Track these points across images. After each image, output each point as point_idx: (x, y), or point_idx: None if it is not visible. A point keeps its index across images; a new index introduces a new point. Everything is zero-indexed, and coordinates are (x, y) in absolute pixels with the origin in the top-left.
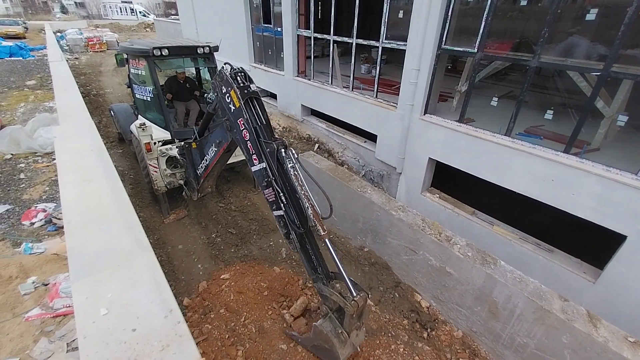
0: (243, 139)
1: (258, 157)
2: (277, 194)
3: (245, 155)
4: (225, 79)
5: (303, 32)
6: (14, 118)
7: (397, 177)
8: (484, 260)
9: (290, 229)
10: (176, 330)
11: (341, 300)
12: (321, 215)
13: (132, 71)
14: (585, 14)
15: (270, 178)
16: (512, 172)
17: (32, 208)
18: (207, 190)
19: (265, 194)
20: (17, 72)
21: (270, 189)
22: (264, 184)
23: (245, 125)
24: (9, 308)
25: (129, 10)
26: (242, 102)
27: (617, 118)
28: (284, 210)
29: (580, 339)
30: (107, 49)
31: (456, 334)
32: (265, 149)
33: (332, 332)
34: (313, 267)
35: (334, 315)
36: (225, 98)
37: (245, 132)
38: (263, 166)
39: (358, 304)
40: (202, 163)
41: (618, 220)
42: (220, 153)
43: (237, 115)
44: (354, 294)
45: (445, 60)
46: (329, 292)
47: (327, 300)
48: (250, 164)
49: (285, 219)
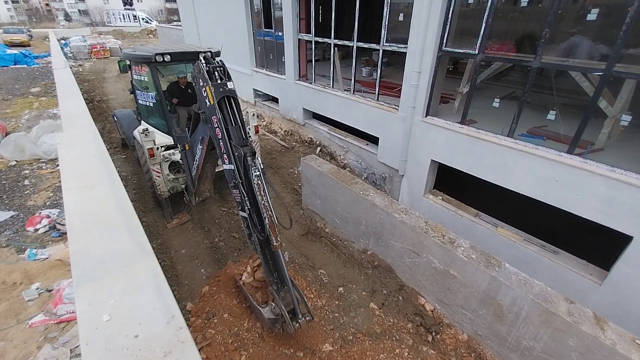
0: (216, 136)
1: (227, 157)
2: (241, 196)
3: (217, 152)
4: (202, 73)
5: (304, 36)
6: (18, 125)
7: (399, 180)
8: (488, 263)
9: (252, 232)
10: (178, 337)
11: (286, 317)
12: (281, 226)
13: (135, 77)
14: (587, 14)
15: (237, 180)
16: (515, 173)
17: (36, 214)
18: (205, 195)
19: (233, 194)
20: (21, 79)
21: (237, 190)
22: (232, 184)
23: (218, 124)
24: (13, 314)
25: (131, 17)
26: (216, 101)
27: (620, 118)
28: (248, 213)
29: (587, 342)
30: (110, 56)
31: (461, 338)
32: (234, 152)
33: (271, 323)
34: (270, 271)
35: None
36: (201, 92)
37: (218, 130)
38: (232, 167)
39: (301, 325)
40: (194, 163)
41: (623, 221)
42: (204, 150)
43: (211, 112)
44: (298, 316)
45: (446, 62)
46: (278, 304)
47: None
48: (222, 161)
49: (249, 221)
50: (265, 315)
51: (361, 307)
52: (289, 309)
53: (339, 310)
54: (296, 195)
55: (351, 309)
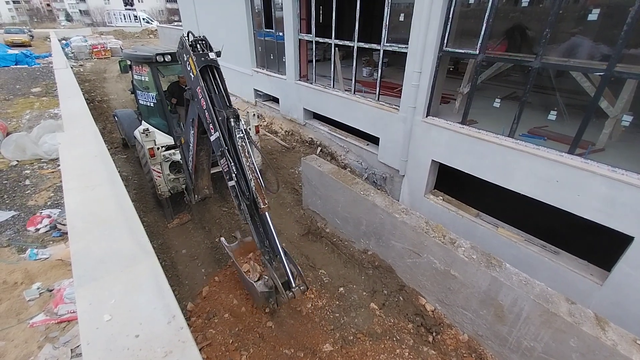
0: (202, 108)
1: (213, 126)
2: (228, 165)
3: (205, 125)
4: (185, 46)
5: (304, 37)
6: (19, 125)
7: (400, 180)
8: (489, 263)
9: (241, 200)
10: (179, 337)
11: (280, 287)
12: (266, 189)
13: (136, 77)
14: (588, 14)
15: (224, 147)
16: (515, 173)
17: (37, 214)
18: (204, 192)
19: (221, 164)
20: (22, 79)
21: (224, 159)
22: (219, 153)
23: (202, 94)
24: (14, 314)
25: (132, 17)
26: (198, 70)
27: (621, 118)
28: (236, 180)
29: (588, 342)
30: (111, 56)
31: (462, 338)
32: (217, 117)
33: (264, 297)
34: (261, 240)
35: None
36: (186, 66)
37: (203, 101)
38: (217, 135)
39: (294, 296)
40: (189, 153)
41: (624, 221)
42: (196, 133)
43: (195, 83)
44: (292, 285)
45: (447, 62)
46: (271, 273)
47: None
48: (209, 134)
49: (237, 189)
50: (259, 289)
51: (362, 308)
52: (282, 281)
53: (339, 310)
54: (297, 196)
55: (352, 309)
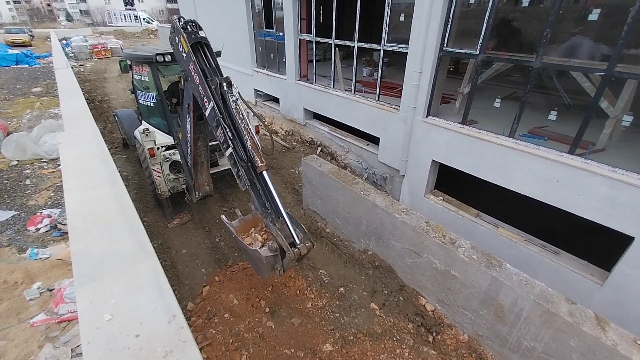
0: (195, 84)
1: (207, 98)
2: (224, 133)
3: (199, 101)
4: (176, 27)
5: (305, 37)
6: (20, 125)
7: (400, 180)
8: (489, 263)
9: (239, 166)
10: (179, 336)
11: (285, 244)
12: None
13: (136, 77)
14: (588, 14)
15: (219, 116)
16: (516, 173)
17: (37, 214)
18: (205, 190)
19: (217, 136)
20: (23, 79)
21: (219, 128)
22: (214, 124)
23: (194, 69)
24: (14, 314)
25: (132, 17)
26: (189, 46)
27: (621, 118)
28: (233, 146)
29: (589, 343)
30: (112, 56)
31: (462, 338)
32: (211, 87)
33: (270, 264)
34: (262, 204)
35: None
36: (178, 47)
37: (196, 76)
38: (212, 105)
39: (300, 252)
40: (187, 146)
41: (625, 222)
42: (192, 120)
43: (188, 60)
44: (297, 242)
45: (447, 62)
46: (275, 232)
47: (275, 237)
48: (204, 109)
49: (234, 155)
50: (263, 254)
51: (362, 308)
52: (288, 241)
53: (339, 310)
54: (297, 196)
55: (352, 309)
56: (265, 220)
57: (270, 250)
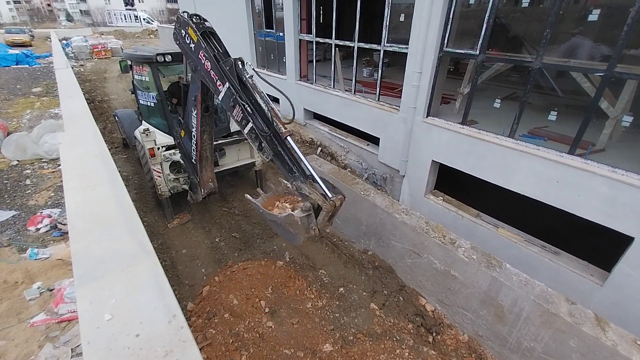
0: (206, 70)
1: (221, 80)
2: (243, 109)
3: (211, 87)
4: (182, 21)
5: (305, 37)
6: (20, 125)
7: (400, 180)
8: (489, 263)
9: (261, 138)
10: (179, 336)
11: (320, 198)
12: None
13: (136, 77)
14: (588, 14)
15: (235, 95)
16: (516, 174)
17: (37, 214)
18: (209, 186)
19: (234, 116)
20: (23, 79)
21: (236, 107)
22: (230, 104)
23: (205, 56)
24: (14, 313)
25: (133, 17)
26: (199, 35)
27: (621, 119)
28: (252, 121)
29: (589, 343)
30: (112, 56)
31: (462, 338)
32: (225, 68)
33: (305, 225)
34: (289, 170)
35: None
36: (185, 40)
37: (207, 62)
38: (227, 86)
39: (335, 203)
40: (192, 140)
41: (625, 222)
42: (199, 112)
43: (197, 49)
44: (329, 196)
45: (447, 62)
46: (308, 190)
47: (307, 198)
48: (217, 93)
49: (255, 129)
50: (297, 216)
51: (362, 308)
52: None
53: (339, 310)
54: None
55: (352, 310)
56: (295, 183)
57: (303, 211)
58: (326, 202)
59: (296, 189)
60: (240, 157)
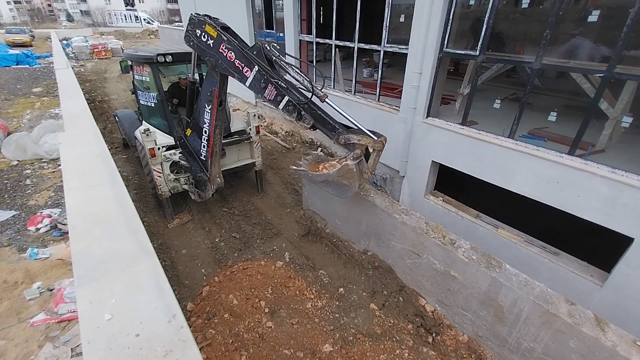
0: (229, 61)
1: (248, 66)
2: (276, 86)
3: (237, 76)
4: (197, 21)
5: (305, 37)
6: (20, 125)
7: (400, 181)
8: (488, 264)
9: (300, 107)
10: (179, 336)
11: (369, 140)
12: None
13: (137, 77)
14: (588, 15)
15: (266, 75)
16: (516, 174)
17: (37, 214)
18: (217, 182)
19: (266, 95)
20: (23, 79)
21: (268, 86)
22: (262, 85)
23: (228, 48)
24: (14, 313)
25: (133, 17)
26: (219, 29)
27: (621, 119)
28: (287, 95)
29: (588, 343)
30: (112, 56)
31: (462, 339)
32: (251, 53)
33: (357, 172)
34: (332, 128)
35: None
36: (201, 38)
37: (229, 53)
38: (256, 69)
39: (383, 142)
40: (203, 138)
41: (625, 223)
42: (215, 106)
43: (218, 43)
44: (375, 138)
45: (447, 63)
46: (357, 137)
47: (354, 147)
48: (244, 80)
49: (292, 101)
50: (350, 163)
51: (361, 308)
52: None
53: (339, 310)
54: (297, 196)
55: (351, 310)
56: (342, 137)
57: (354, 159)
58: (377, 142)
59: (344, 142)
60: (241, 158)
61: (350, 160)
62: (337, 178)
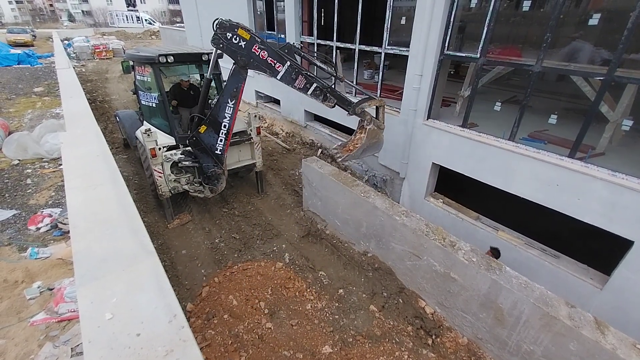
0: (262, 59)
1: (280, 62)
2: (306, 76)
3: (269, 72)
4: (228, 25)
5: (306, 39)
6: (21, 124)
7: (400, 182)
8: (488, 266)
9: (325, 91)
10: (180, 335)
11: (375, 100)
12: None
13: (138, 78)
14: (588, 19)
15: (296, 68)
16: (516, 176)
17: (38, 213)
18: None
19: (297, 85)
20: (25, 79)
21: (299, 78)
22: (293, 77)
23: (260, 48)
24: (14, 312)
25: (135, 18)
26: (252, 33)
27: (621, 122)
28: (315, 82)
29: (588, 346)
30: (113, 56)
31: (461, 341)
32: (282, 52)
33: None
34: (348, 103)
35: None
36: (233, 40)
37: (262, 52)
38: (288, 64)
39: (382, 99)
40: (221, 132)
41: (625, 226)
42: (239, 100)
43: (251, 44)
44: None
45: (448, 65)
46: (367, 103)
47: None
48: (275, 74)
49: (319, 87)
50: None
51: (361, 310)
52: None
53: (339, 312)
54: (297, 197)
55: (351, 311)
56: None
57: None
58: (381, 100)
59: (360, 111)
60: (241, 158)
61: (368, 124)
62: (369, 142)
